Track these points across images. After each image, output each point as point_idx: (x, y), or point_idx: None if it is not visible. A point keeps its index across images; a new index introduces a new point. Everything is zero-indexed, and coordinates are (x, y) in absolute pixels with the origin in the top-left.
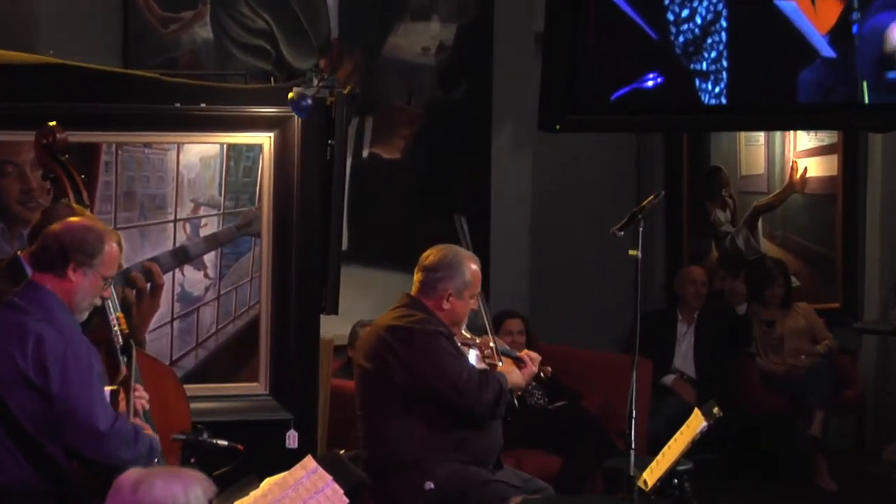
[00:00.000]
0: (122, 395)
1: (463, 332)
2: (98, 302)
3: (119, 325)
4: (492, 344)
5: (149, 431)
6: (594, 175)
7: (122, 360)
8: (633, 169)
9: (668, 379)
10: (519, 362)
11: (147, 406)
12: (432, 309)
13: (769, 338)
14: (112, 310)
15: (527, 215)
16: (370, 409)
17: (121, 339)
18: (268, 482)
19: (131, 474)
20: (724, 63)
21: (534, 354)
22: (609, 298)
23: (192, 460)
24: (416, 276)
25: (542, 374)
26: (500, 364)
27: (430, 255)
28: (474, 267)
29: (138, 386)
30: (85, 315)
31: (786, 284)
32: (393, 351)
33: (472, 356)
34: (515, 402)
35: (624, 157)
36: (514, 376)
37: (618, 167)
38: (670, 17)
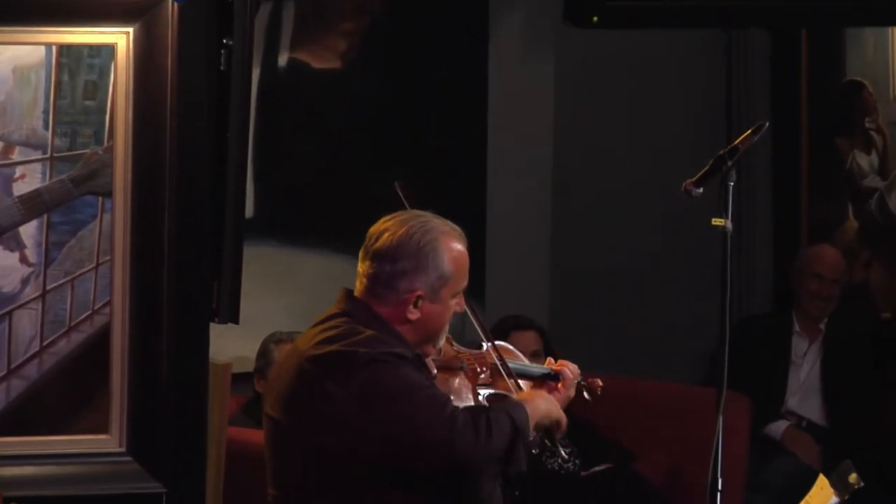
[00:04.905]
0: None
1: (449, 345)
2: None
3: None
4: (495, 360)
5: None
6: (655, 98)
7: None
8: (719, 87)
9: (778, 427)
10: (550, 381)
11: None
12: (389, 321)
13: None
14: None
15: (546, 164)
16: (286, 485)
17: None
18: None
19: None
20: None
21: (572, 366)
22: (679, 298)
23: None
24: (362, 267)
25: (585, 395)
26: (513, 394)
27: (385, 233)
28: (458, 247)
29: None
30: None
31: None
32: (322, 394)
33: (460, 388)
34: (562, 454)
35: (704, 67)
36: (544, 403)
37: (694, 85)
38: None
